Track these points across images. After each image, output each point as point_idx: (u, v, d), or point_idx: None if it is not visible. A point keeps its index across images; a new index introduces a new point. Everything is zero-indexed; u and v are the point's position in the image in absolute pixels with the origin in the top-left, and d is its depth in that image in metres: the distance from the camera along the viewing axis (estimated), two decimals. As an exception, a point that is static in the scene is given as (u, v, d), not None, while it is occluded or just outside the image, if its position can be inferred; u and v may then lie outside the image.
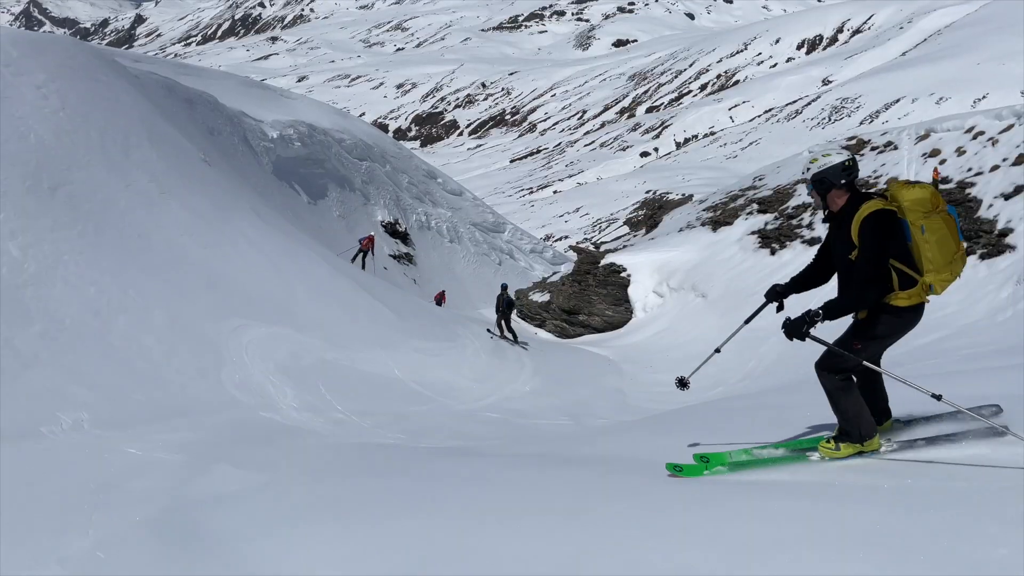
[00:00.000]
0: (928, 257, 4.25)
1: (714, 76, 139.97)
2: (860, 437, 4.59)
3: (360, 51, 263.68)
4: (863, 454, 4.60)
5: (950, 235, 4.25)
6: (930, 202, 4.22)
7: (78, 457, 6.77)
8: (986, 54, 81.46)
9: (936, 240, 4.21)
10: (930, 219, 4.21)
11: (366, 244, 28.29)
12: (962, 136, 18.48)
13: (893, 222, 4.30)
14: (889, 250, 4.28)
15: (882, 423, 4.85)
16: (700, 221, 23.77)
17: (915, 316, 4.44)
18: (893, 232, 4.29)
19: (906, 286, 4.32)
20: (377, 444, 8.68)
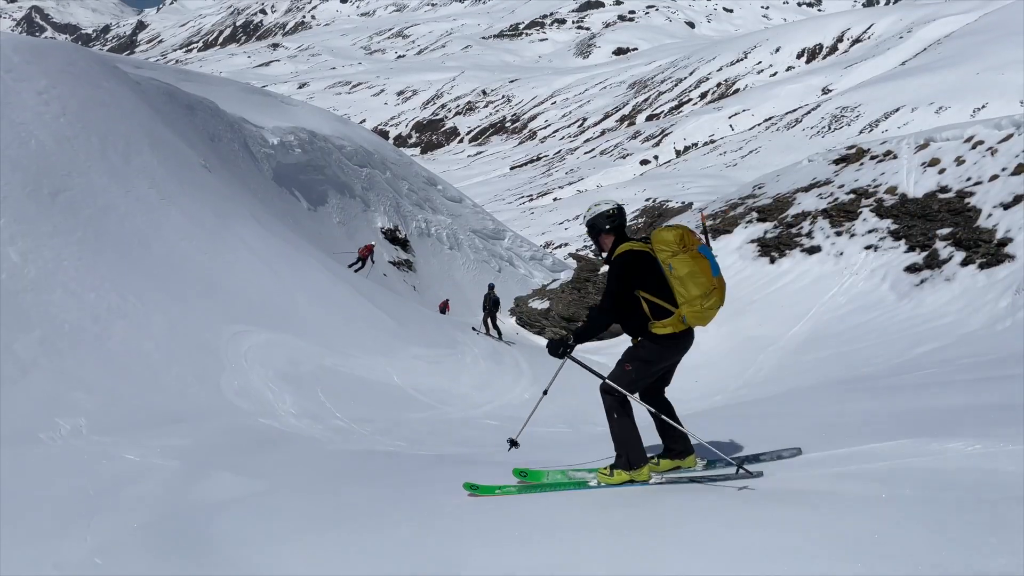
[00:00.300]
0: (679, 291, 4.76)
1: (714, 84, 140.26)
2: (628, 464, 5.01)
3: (361, 58, 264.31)
4: (634, 483, 4.98)
5: (700, 271, 4.74)
6: (676, 243, 4.76)
7: (76, 463, 6.76)
8: (985, 64, 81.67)
9: (683, 276, 4.72)
10: (676, 258, 4.73)
11: (364, 252, 28.32)
12: (961, 145, 18.51)
13: (640, 261, 4.86)
14: (633, 285, 4.86)
15: (683, 458, 5.29)
16: (699, 229, 23.80)
17: (676, 343, 4.97)
18: (640, 270, 4.84)
19: (660, 316, 4.85)
20: (376, 451, 8.68)
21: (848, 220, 19.20)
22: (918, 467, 4.34)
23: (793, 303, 17.65)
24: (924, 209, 17.63)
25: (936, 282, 15.36)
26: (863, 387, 9.16)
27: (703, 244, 4.91)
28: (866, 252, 17.89)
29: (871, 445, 4.95)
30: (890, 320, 14.81)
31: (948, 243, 16.17)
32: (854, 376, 11.30)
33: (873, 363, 12.21)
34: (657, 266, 4.84)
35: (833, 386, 10.60)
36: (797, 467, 4.89)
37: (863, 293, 16.57)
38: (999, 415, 5.24)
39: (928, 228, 17.03)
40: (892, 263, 16.94)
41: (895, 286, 16.16)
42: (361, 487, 6.52)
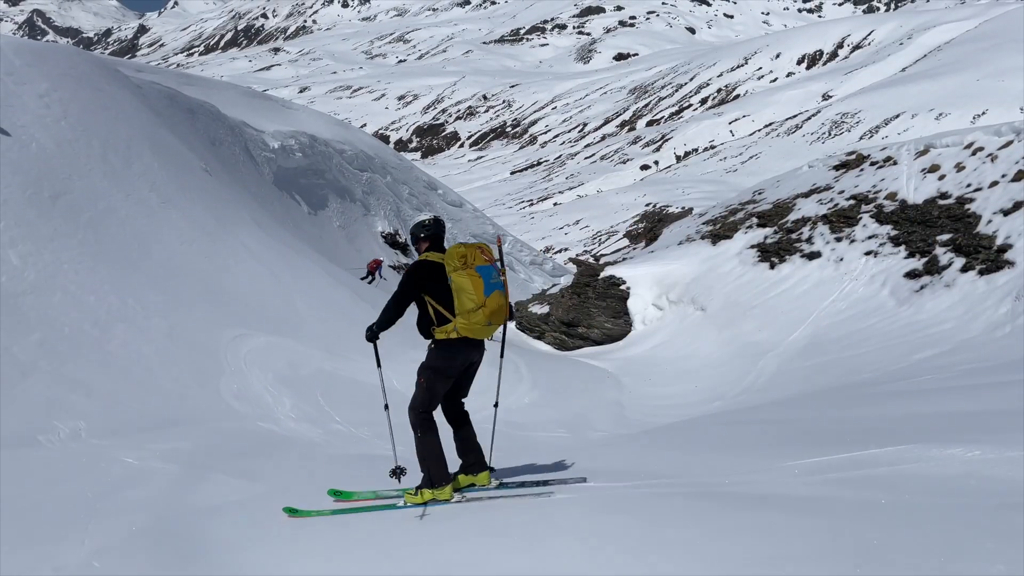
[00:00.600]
0: (456, 303, 5.23)
1: (714, 90, 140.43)
2: (431, 482, 5.32)
3: (362, 62, 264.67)
4: (436, 502, 5.24)
5: (471, 288, 5.13)
6: (458, 260, 5.20)
7: (75, 466, 6.76)
8: (986, 70, 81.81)
9: (457, 290, 5.17)
10: (456, 272, 5.18)
11: (372, 266, 28.51)
12: (961, 152, 18.52)
13: (428, 271, 5.39)
14: (419, 291, 5.42)
15: (476, 474, 5.63)
16: (700, 234, 23.80)
17: (455, 349, 5.42)
18: (426, 279, 5.38)
19: (441, 323, 5.36)
20: (375, 455, 8.67)
21: (848, 226, 19.20)
22: (918, 473, 4.34)
23: (793, 309, 17.64)
24: (924, 215, 17.63)
25: (936, 288, 15.36)
26: (863, 393, 9.16)
27: (488, 264, 5.28)
28: (866, 258, 17.89)
29: (871, 451, 4.95)
30: (890, 326, 14.80)
31: (948, 249, 16.17)
32: (854, 382, 11.30)
33: (873, 369, 12.20)
34: (445, 277, 5.31)
35: (833, 392, 10.60)
36: (797, 474, 4.88)
37: (863, 299, 16.56)
38: (999, 421, 5.24)
39: (928, 234, 17.03)
40: (892, 269, 16.93)
41: (895, 292, 16.16)
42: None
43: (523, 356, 18.59)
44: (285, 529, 5.24)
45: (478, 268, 5.20)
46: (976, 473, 4.08)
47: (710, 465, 5.93)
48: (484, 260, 5.28)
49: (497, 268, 5.32)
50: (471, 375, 5.85)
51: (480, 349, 5.61)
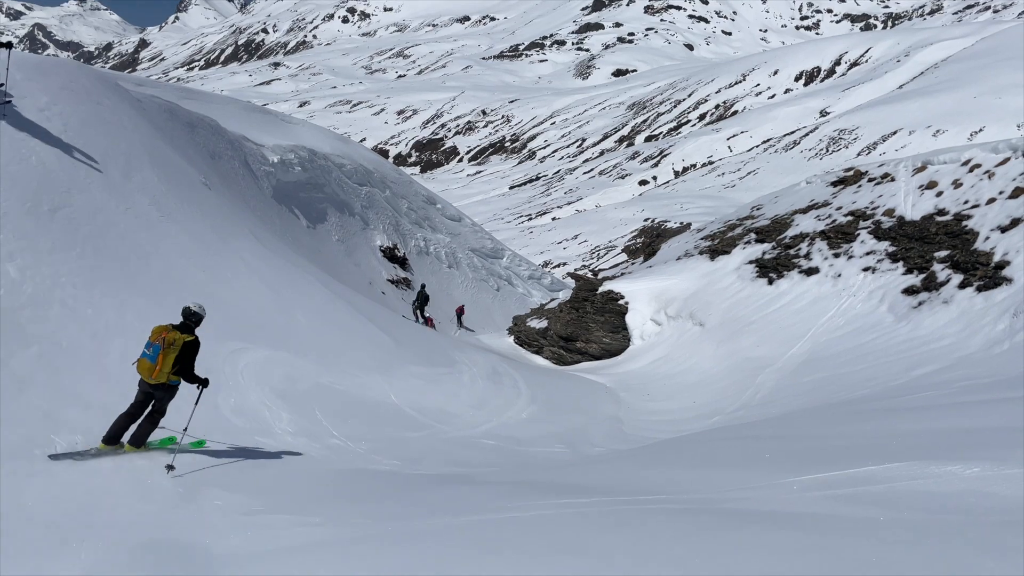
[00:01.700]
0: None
1: (713, 106, 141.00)
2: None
3: (362, 77, 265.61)
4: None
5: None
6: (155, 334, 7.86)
7: (71, 480, 6.73)
8: (983, 88, 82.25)
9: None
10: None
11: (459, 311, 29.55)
12: (959, 169, 18.58)
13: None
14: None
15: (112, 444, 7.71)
16: (698, 250, 23.84)
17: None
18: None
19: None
20: (372, 470, 8.64)
21: (846, 242, 19.24)
22: (916, 490, 4.33)
23: (791, 324, 17.65)
24: (922, 231, 17.67)
25: (934, 304, 15.37)
26: (861, 409, 9.15)
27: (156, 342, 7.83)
28: (864, 274, 17.92)
29: (869, 467, 4.94)
30: (888, 342, 14.80)
31: (946, 266, 16.20)
32: (853, 398, 11.29)
33: (871, 385, 12.19)
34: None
35: (831, 408, 10.59)
36: (796, 490, 4.87)
37: (861, 315, 16.57)
38: (997, 438, 5.23)
39: (926, 250, 17.06)
40: (890, 285, 16.95)
41: (893, 308, 16.17)
42: (356, 507, 6.49)
43: (521, 371, 18.57)
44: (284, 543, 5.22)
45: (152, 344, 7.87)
46: (975, 490, 4.08)
47: (709, 481, 5.92)
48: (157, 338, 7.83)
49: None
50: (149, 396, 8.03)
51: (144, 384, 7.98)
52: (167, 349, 7.78)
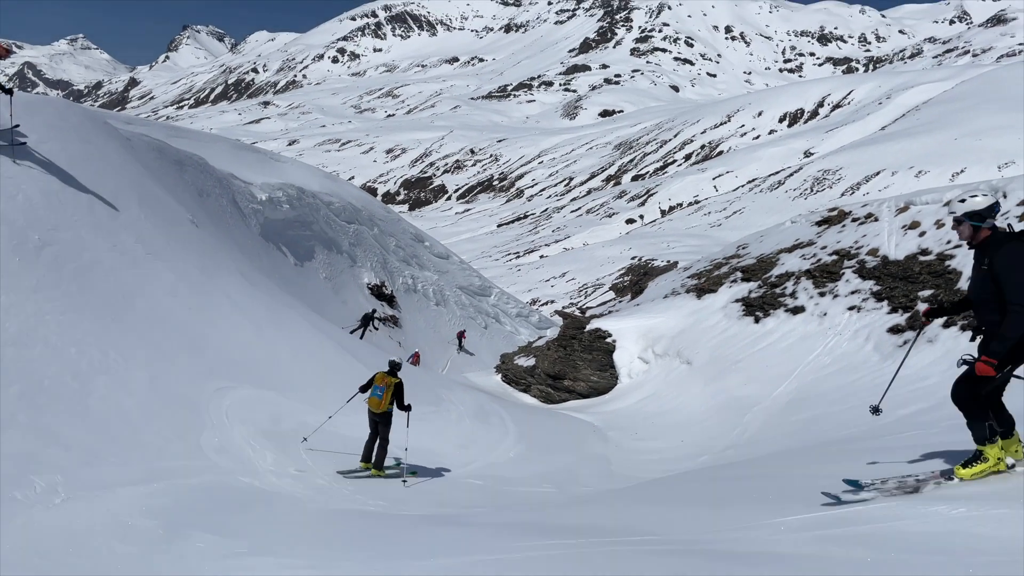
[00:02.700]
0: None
1: (698, 146, 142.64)
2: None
3: (351, 116, 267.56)
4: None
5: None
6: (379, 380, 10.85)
7: (52, 522, 6.61)
8: (963, 130, 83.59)
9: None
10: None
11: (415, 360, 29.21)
12: (940, 209, 18.82)
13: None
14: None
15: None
16: (685, 288, 23.94)
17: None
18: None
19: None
20: (358, 511, 8.55)
21: (831, 281, 19.38)
22: (903, 530, 4.32)
23: (778, 363, 17.68)
24: (905, 271, 17.83)
25: (919, 343, 15.45)
26: (848, 448, 9.15)
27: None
28: (849, 313, 18.02)
29: (856, 507, 4.93)
30: (874, 381, 14.84)
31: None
32: (840, 437, 11.29)
33: (858, 424, 12.19)
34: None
35: (819, 447, 10.58)
36: (784, 530, 4.85)
37: (847, 354, 16.63)
38: (983, 479, 5.23)
39: (910, 290, 17.20)
40: (875, 324, 17.05)
41: (878, 347, 16.24)
42: (341, 549, 6.40)
43: (508, 409, 18.48)
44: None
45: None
46: (961, 531, 4.07)
47: (698, 521, 5.88)
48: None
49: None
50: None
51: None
52: (388, 389, 11.20)
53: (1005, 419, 5.47)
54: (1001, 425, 5.42)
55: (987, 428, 5.34)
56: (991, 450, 5.31)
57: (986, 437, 5.33)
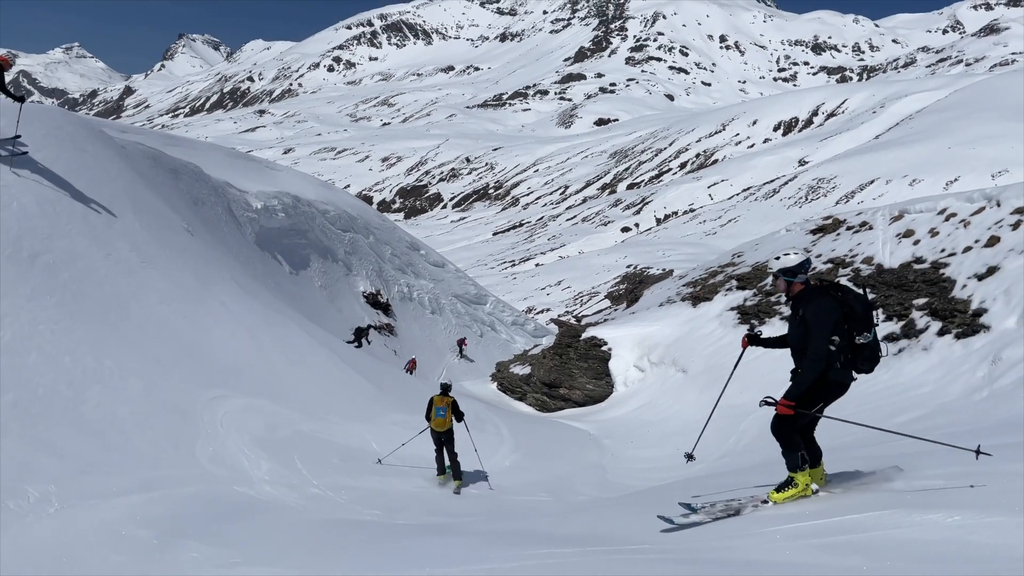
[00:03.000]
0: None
1: (693, 155, 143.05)
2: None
3: (347, 125, 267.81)
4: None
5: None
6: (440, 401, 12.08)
7: (45, 532, 6.58)
8: (957, 138, 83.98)
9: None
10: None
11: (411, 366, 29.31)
12: (935, 217, 18.88)
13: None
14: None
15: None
16: (680, 296, 23.97)
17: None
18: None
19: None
20: (352, 520, 8.52)
21: (826, 289, 19.43)
22: (898, 538, 4.32)
23: (773, 371, 17.66)
24: (900, 279, 17.88)
25: (914, 351, 15.48)
26: (843, 456, 9.14)
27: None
28: (844, 321, 18.05)
29: (851, 516, 4.93)
30: (869, 389, 14.84)
31: (924, 313, 16.36)
32: (834, 445, 11.28)
33: (852, 432, 12.20)
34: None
35: (814, 455, 10.57)
36: (779, 539, 4.85)
37: (842, 361, 16.64)
38: (977, 486, 5.24)
39: (904, 298, 17.24)
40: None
41: (873, 355, 16.27)
42: (336, 559, 6.38)
43: (504, 418, 18.46)
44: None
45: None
46: (956, 539, 4.07)
47: (694, 530, 5.87)
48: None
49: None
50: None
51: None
52: (448, 408, 12.38)
53: (814, 451, 6.32)
54: (811, 456, 6.23)
55: (799, 458, 6.10)
56: (801, 477, 6.10)
57: (798, 465, 6.11)
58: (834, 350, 5.77)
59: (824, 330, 5.72)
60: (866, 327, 5.82)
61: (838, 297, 5.87)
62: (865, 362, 5.89)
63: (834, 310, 5.78)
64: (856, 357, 5.87)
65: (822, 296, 5.87)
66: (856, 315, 5.81)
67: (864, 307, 5.84)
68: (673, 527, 5.83)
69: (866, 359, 5.89)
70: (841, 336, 5.78)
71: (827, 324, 5.73)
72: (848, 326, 5.81)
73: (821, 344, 5.72)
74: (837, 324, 5.76)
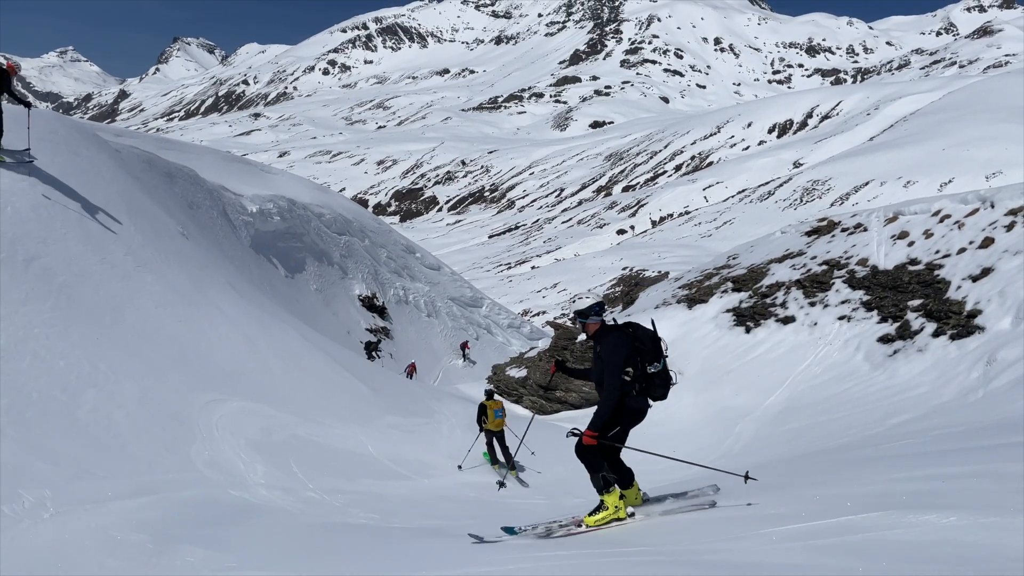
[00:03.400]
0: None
1: (688, 157, 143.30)
2: None
3: (342, 128, 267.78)
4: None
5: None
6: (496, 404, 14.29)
7: (40, 536, 6.56)
8: (951, 140, 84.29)
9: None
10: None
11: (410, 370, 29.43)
12: (929, 219, 18.94)
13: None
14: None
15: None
16: (676, 298, 24.00)
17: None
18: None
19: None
20: (348, 524, 8.51)
21: (821, 291, 19.47)
22: (894, 540, 4.33)
23: (769, 373, 17.73)
24: (895, 281, 17.92)
25: (909, 353, 15.52)
26: (839, 458, 9.16)
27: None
28: (840, 322, 18.09)
29: (847, 517, 4.93)
30: (865, 390, 14.89)
31: (919, 314, 16.41)
32: (831, 447, 11.30)
33: (849, 434, 12.22)
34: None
35: (809, 457, 10.59)
36: (775, 540, 4.85)
37: (838, 363, 16.69)
38: (973, 487, 5.26)
39: (899, 299, 17.29)
40: (865, 334, 17.12)
41: (869, 356, 16.31)
42: (332, 563, 6.37)
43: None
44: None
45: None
46: (952, 540, 4.08)
47: (689, 532, 5.88)
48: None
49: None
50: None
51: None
52: (503, 409, 14.40)
53: (624, 473, 6.74)
54: (622, 478, 6.69)
55: (602, 479, 6.49)
56: (609, 498, 6.48)
57: (603, 487, 6.50)
58: (628, 380, 6.30)
59: (616, 364, 6.23)
60: (655, 358, 6.39)
61: (629, 333, 6.42)
62: (657, 388, 6.49)
63: (625, 344, 6.31)
64: (649, 385, 6.43)
65: (614, 333, 6.42)
66: (646, 348, 6.38)
67: (652, 341, 6.43)
68: (482, 541, 6.33)
69: (658, 386, 6.48)
70: (634, 367, 6.32)
71: (619, 358, 6.24)
72: (640, 358, 6.34)
73: (615, 376, 6.22)
74: (628, 357, 6.30)
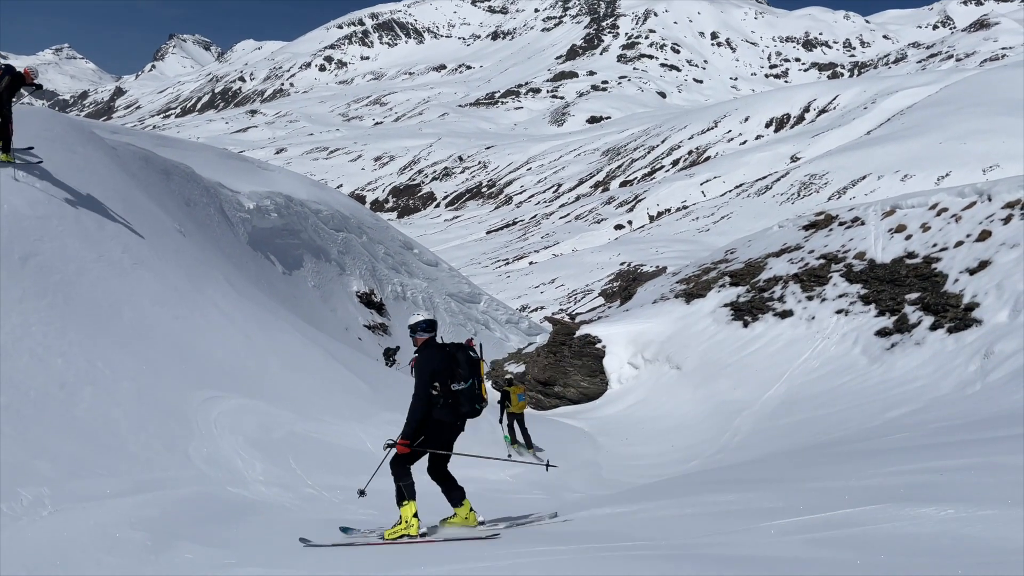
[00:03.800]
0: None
1: (686, 152, 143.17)
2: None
3: (339, 124, 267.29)
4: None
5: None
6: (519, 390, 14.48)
7: (38, 535, 6.56)
8: (948, 134, 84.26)
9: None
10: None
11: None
12: (927, 212, 18.96)
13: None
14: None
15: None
16: (674, 293, 24.00)
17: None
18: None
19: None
20: (346, 520, 8.51)
21: (819, 285, 19.48)
22: (892, 532, 4.33)
23: (767, 367, 17.74)
24: (892, 274, 17.94)
25: (906, 346, 15.54)
26: (837, 451, 9.17)
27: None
28: (837, 316, 18.11)
29: (845, 510, 4.94)
30: (862, 384, 14.91)
31: (917, 308, 16.43)
32: (828, 440, 11.32)
33: (846, 427, 12.25)
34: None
35: (807, 451, 10.61)
36: (774, 534, 4.86)
37: (835, 357, 16.71)
38: (971, 479, 5.27)
39: (897, 293, 17.30)
40: (863, 327, 17.14)
41: (866, 350, 16.33)
42: (328, 561, 6.38)
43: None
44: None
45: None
46: (950, 532, 4.08)
47: (688, 526, 5.89)
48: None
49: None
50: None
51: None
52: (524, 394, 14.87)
53: (455, 489, 7.14)
54: (453, 494, 7.11)
55: (398, 492, 6.75)
56: (405, 510, 6.67)
57: (399, 500, 6.74)
58: (436, 394, 6.70)
59: (423, 376, 6.71)
60: (464, 378, 6.76)
61: (447, 352, 6.86)
62: (464, 404, 6.81)
63: (435, 360, 6.77)
64: (455, 401, 6.77)
65: (430, 349, 6.93)
66: (460, 366, 6.78)
67: (468, 363, 6.84)
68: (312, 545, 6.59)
69: (463, 403, 6.80)
70: (441, 383, 6.70)
71: (426, 371, 6.72)
72: (449, 376, 6.73)
73: (421, 388, 6.71)
74: (436, 372, 6.72)
